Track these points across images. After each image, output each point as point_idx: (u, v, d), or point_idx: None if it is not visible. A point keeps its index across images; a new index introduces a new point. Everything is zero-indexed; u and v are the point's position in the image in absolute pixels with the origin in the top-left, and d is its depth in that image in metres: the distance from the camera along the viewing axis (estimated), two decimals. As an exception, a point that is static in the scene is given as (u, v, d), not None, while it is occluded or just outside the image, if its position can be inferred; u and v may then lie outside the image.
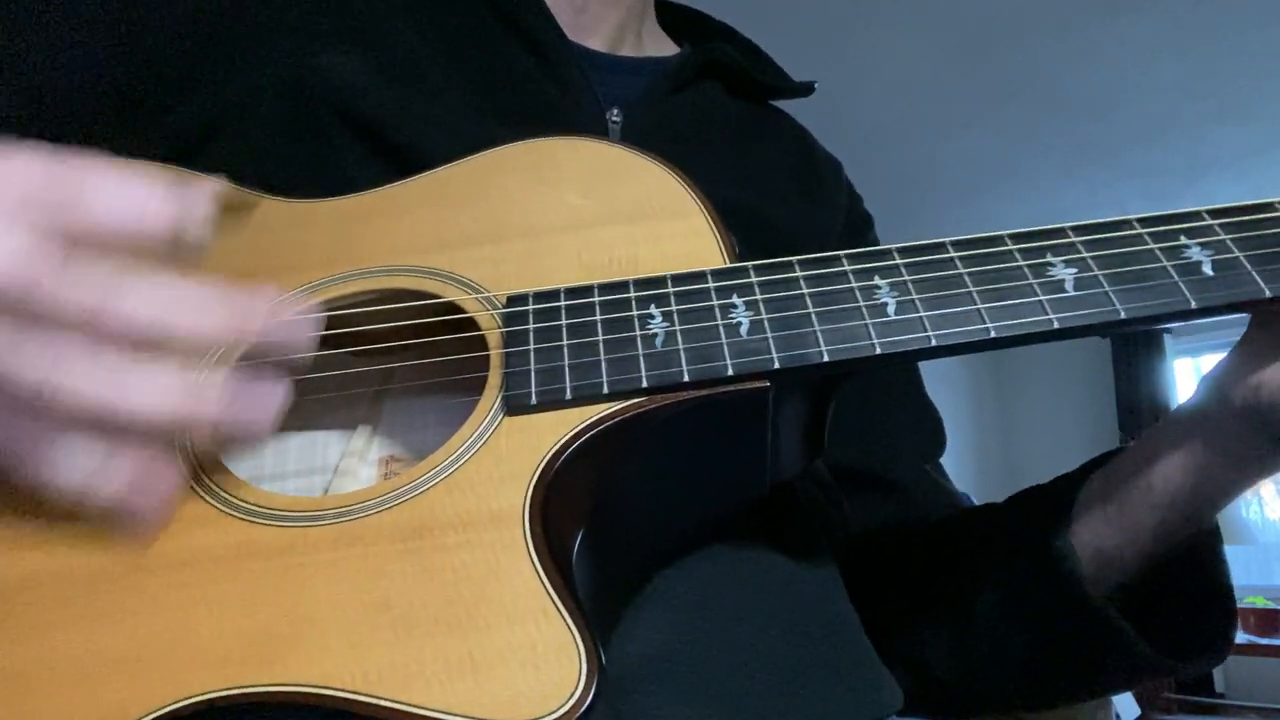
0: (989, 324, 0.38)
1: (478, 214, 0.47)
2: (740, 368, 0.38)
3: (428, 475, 0.37)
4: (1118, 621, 0.46)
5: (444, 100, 0.55)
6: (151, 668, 0.33)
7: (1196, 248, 0.39)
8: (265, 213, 0.48)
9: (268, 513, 0.37)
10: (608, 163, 0.48)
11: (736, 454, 0.42)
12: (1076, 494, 0.49)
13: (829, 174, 0.72)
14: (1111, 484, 0.48)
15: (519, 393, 0.39)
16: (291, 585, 0.34)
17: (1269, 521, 4.86)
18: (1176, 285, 0.38)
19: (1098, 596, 0.47)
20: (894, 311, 0.39)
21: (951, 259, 0.40)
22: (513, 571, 0.34)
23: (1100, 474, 0.50)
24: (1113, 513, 0.48)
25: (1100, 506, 0.48)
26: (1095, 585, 0.47)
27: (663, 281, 0.41)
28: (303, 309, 0.39)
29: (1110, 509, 0.48)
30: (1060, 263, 0.40)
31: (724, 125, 0.67)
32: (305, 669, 0.32)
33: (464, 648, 0.32)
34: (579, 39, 0.63)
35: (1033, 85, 3.07)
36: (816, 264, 0.41)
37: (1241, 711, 4.20)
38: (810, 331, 0.39)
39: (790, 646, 0.45)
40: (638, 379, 0.38)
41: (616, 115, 0.60)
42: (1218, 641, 0.47)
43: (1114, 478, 0.48)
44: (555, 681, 0.31)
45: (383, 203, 0.48)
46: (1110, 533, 0.48)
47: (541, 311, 0.41)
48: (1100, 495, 0.49)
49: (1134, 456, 0.48)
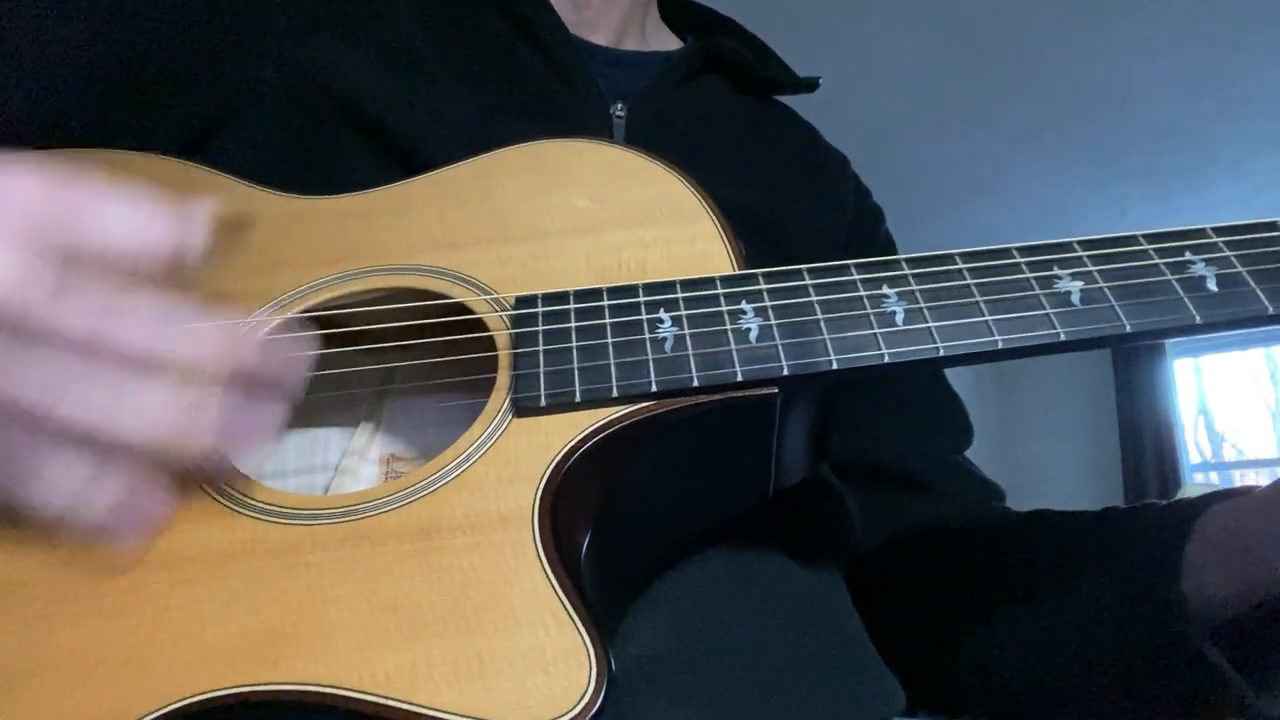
0: (996, 335, 0.38)
1: (484, 215, 0.47)
2: (749, 374, 0.38)
3: (437, 475, 0.37)
4: (1227, 670, 0.44)
5: (447, 95, 0.55)
6: (155, 665, 0.33)
7: (1201, 264, 0.39)
8: (270, 208, 0.48)
9: (275, 510, 0.37)
10: (616, 166, 0.48)
11: (742, 459, 0.42)
12: (1188, 533, 0.46)
13: (835, 169, 0.72)
14: (1232, 531, 0.45)
15: (528, 394, 0.39)
16: (298, 584, 0.34)
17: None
18: (1182, 300, 0.38)
19: (1202, 641, 0.44)
20: (902, 321, 0.39)
21: (960, 269, 0.41)
22: (522, 574, 0.34)
23: (1222, 511, 0.46)
24: (1234, 563, 0.44)
25: (1217, 552, 0.45)
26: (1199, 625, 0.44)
27: (672, 286, 0.42)
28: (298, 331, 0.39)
29: (1231, 559, 0.44)
30: (1067, 276, 0.40)
31: (729, 119, 0.67)
32: (311, 668, 0.32)
33: (472, 650, 0.32)
34: (582, 34, 0.63)
35: (1033, 85, 3.07)
36: (825, 272, 0.41)
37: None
38: (819, 339, 0.39)
39: (792, 649, 0.46)
40: (647, 383, 0.38)
41: (621, 110, 0.60)
42: None
43: (1237, 523, 0.45)
44: (564, 685, 0.31)
45: (388, 201, 0.48)
46: (1222, 583, 0.44)
47: (551, 314, 0.41)
48: (1218, 541, 0.45)
49: (1265, 503, 0.44)
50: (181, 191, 0.48)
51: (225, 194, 0.49)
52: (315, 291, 0.44)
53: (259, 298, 0.44)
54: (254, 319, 0.43)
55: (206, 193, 0.49)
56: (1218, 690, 0.44)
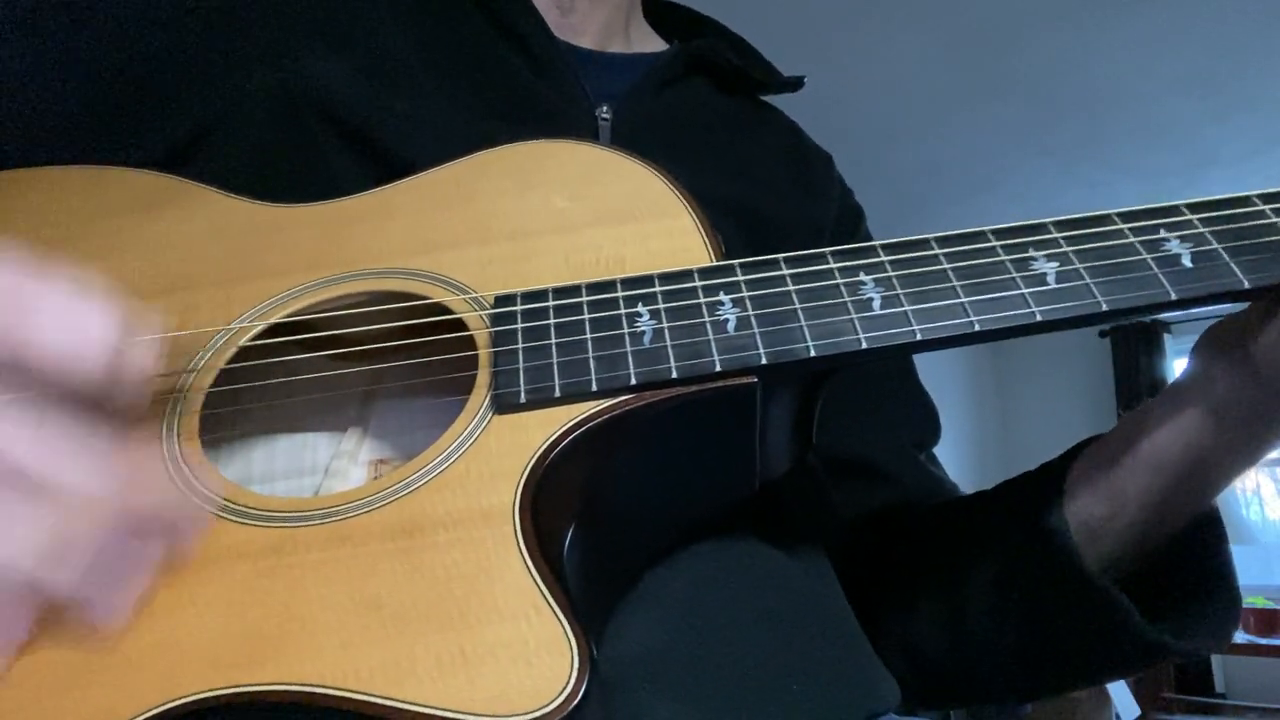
0: (973, 317, 0.39)
1: (464, 217, 0.47)
2: (727, 364, 0.38)
3: (418, 474, 0.37)
4: (1113, 592, 0.46)
5: (431, 102, 0.55)
6: (141, 669, 0.33)
7: (1176, 241, 0.39)
8: (252, 217, 0.49)
9: (257, 514, 0.37)
10: (593, 164, 0.48)
11: (725, 450, 0.42)
12: (1068, 470, 0.49)
13: (820, 167, 0.72)
14: (1101, 455, 0.48)
15: (508, 391, 0.39)
16: (282, 585, 0.34)
17: (1269, 521, 4.86)
18: (1156, 277, 0.38)
19: (1092, 569, 0.46)
20: (879, 306, 0.39)
21: (936, 254, 0.41)
22: (503, 568, 0.34)
23: (1092, 447, 0.49)
24: (1100, 482, 0.47)
25: (1089, 479, 0.48)
26: (1088, 558, 0.46)
27: (650, 280, 0.42)
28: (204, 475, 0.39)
29: (1099, 479, 0.47)
30: (1042, 256, 0.40)
31: (715, 120, 0.68)
32: (296, 668, 0.32)
33: (455, 644, 0.32)
34: (567, 38, 0.63)
35: (1031, 84, 3.07)
36: (802, 261, 0.42)
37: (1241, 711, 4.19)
38: (796, 327, 0.39)
39: (783, 643, 0.45)
40: (626, 376, 0.38)
41: (606, 112, 0.60)
42: (1218, 628, 0.46)
43: (1103, 449, 0.48)
44: (547, 676, 0.31)
45: (369, 206, 0.48)
46: (1098, 501, 0.47)
47: (529, 311, 0.41)
48: (1089, 467, 0.48)
49: (1124, 426, 0.47)
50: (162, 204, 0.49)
51: (206, 205, 0.49)
52: (297, 297, 0.44)
53: (241, 305, 0.44)
54: (235, 326, 0.44)
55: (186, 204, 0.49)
56: (1119, 626, 0.46)
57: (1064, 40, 2.83)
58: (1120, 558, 0.48)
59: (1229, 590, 0.47)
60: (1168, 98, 3.20)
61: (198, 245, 0.48)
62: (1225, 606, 0.47)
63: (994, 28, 2.75)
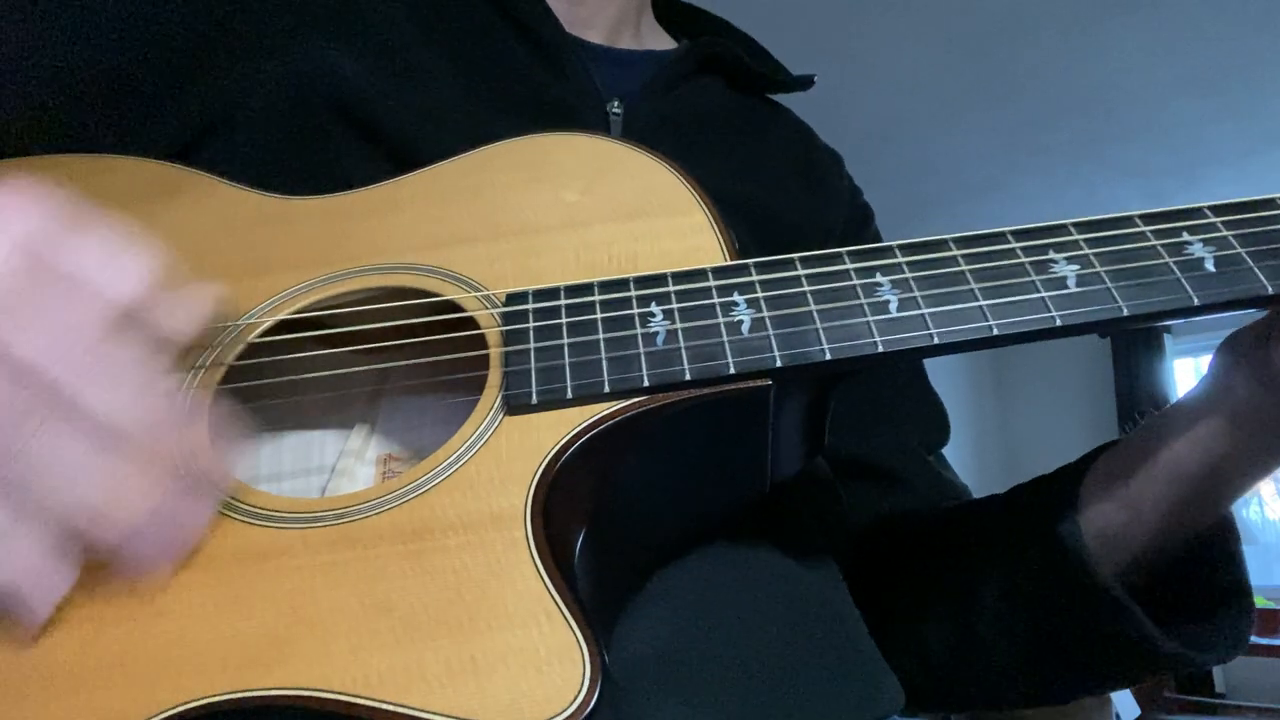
0: (991, 321, 0.38)
1: (474, 211, 0.46)
2: (742, 366, 0.38)
3: (428, 476, 0.37)
4: (1126, 601, 0.45)
5: (442, 95, 0.55)
6: (149, 672, 0.32)
7: (1199, 244, 0.39)
8: (260, 210, 0.48)
9: (266, 514, 0.37)
10: (605, 159, 0.47)
11: (737, 452, 0.42)
12: (1082, 477, 0.48)
13: (830, 167, 0.72)
14: (1117, 463, 0.47)
15: (519, 392, 0.38)
16: (291, 588, 0.34)
17: (1269, 521, 4.86)
18: (1179, 282, 0.38)
19: (1103, 575, 0.45)
20: (896, 309, 0.39)
21: (954, 256, 0.40)
22: (515, 573, 0.33)
23: (1107, 455, 0.49)
24: (1118, 490, 0.46)
25: (1105, 487, 0.47)
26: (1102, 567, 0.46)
27: (663, 279, 0.41)
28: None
29: (1115, 487, 0.47)
30: (1063, 259, 0.39)
31: (725, 118, 0.67)
32: (305, 672, 0.32)
33: (466, 650, 0.32)
34: (577, 32, 0.63)
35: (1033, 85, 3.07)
36: (818, 261, 0.41)
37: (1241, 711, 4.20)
38: (812, 329, 0.38)
39: (791, 646, 0.45)
40: (639, 378, 0.38)
41: (617, 107, 0.59)
42: (1233, 638, 0.46)
43: (1120, 456, 0.48)
44: (558, 684, 0.30)
45: (378, 200, 0.48)
46: (1114, 509, 0.46)
47: (541, 310, 0.41)
48: (1105, 476, 0.48)
49: (1142, 434, 0.47)
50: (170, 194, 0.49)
51: (214, 196, 0.49)
52: (306, 293, 0.44)
53: (249, 300, 0.44)
54: (245, 321, 0.43)
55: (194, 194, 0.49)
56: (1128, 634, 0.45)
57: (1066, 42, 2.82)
58: (1135, 566, 0.47)
59: (1243, 599, 0.47)
60: (1169, 99, 3.20)
61: (206, 236, 0.47)
62: (1240, 615, 0.46)
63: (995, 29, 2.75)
